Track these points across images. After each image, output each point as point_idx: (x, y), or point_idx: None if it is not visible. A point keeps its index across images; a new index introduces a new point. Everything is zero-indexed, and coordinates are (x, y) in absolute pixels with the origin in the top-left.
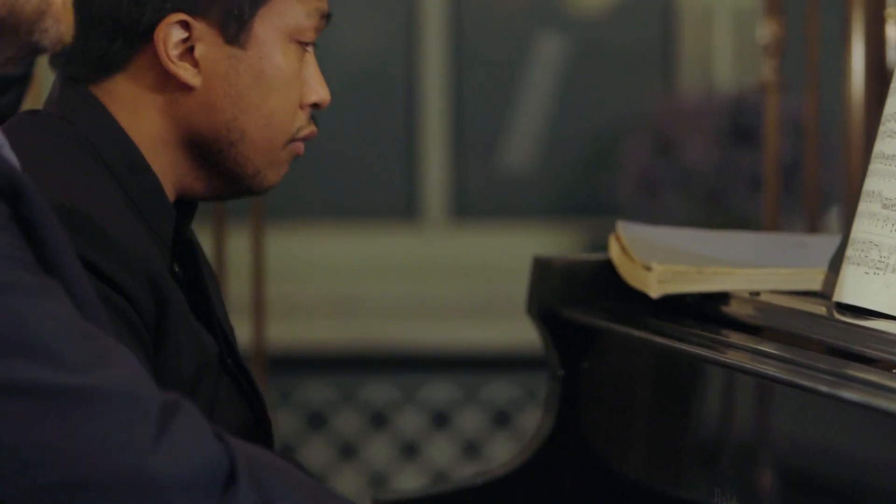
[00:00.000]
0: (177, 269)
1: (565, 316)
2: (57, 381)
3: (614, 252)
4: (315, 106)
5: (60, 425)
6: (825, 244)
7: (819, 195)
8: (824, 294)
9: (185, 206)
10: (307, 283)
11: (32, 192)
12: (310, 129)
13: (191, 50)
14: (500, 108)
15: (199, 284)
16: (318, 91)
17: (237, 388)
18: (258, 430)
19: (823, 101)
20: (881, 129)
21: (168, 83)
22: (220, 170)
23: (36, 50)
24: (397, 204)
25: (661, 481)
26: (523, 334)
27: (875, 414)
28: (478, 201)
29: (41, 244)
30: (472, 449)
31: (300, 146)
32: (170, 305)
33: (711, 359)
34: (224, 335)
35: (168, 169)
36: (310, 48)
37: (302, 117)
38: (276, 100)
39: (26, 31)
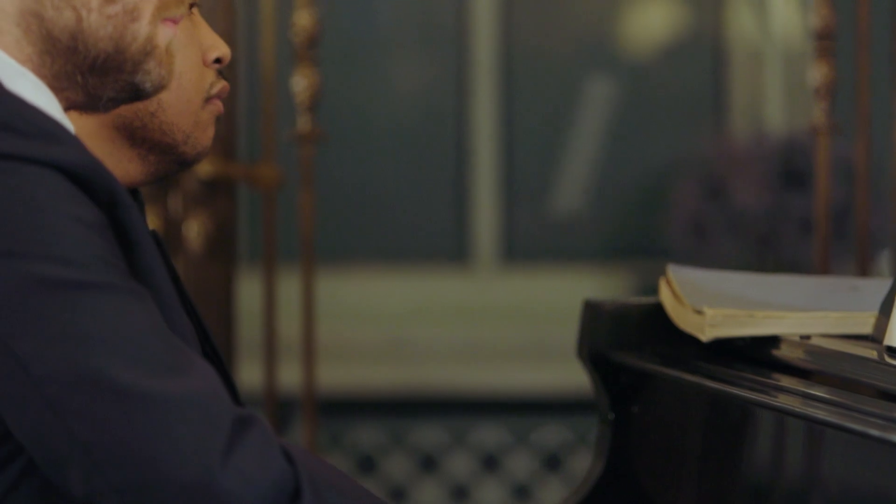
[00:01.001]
0: None
1: (615, 359)
2: (136, 384)
3: (665, 295)
4: (218, 61)
5: (133, 428)
6: (876, 288)
7: (870, 239)
8: (875, 338)
9: (132, 196)
10: (357, 326)
11: (129, 203)
12: (221, 85)
13: None
14: (551, 150)
15: (171, 275)
16: (217, 47)
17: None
18: None
19: (874, 145)
20: None
21: None
22: (150, 144)
23: (137, 92)
24: (448, 246)
25: None
26: (574, 378)
27: None
28: (528, 244)
29: (135, 253)
30: (522, 493)
31: (218, 104)
32: None
33: (762, 402)
34: (200, 323)
35: (105, 162)
36: (194, 10)
37: (210, 74)
38: (179, 63)
39: (130, 70)
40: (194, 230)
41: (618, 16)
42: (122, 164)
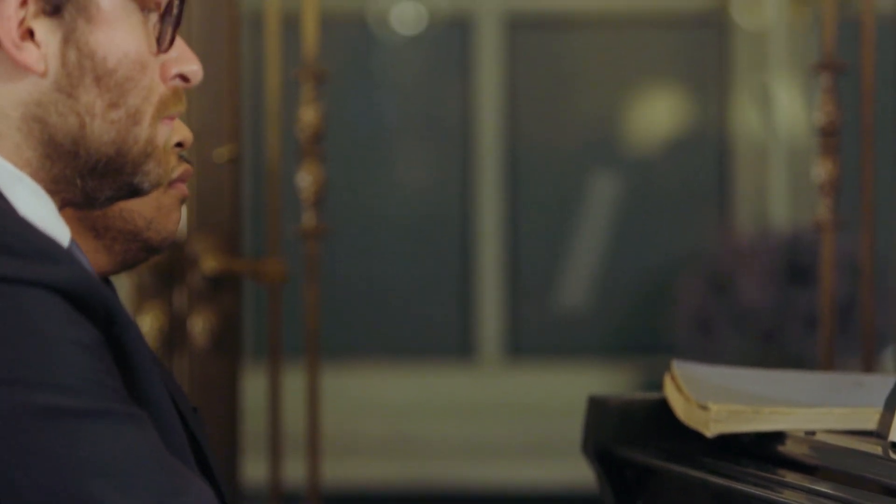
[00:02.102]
0: None
1: (621, 455)
2: None
3: (670, 391)
4: (179, 145)
5: None
6: (881, 384)
7: (875, 335)
8: (880, 434)
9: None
10: (363, 421)
11: (127, 320)
12: (183, 168)
13: None
14: (555, 245)
15: (164, 377)
16: (179, 131)
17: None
18: None
19: (879, 241)
20: None
21: None
22: (114, 233)
23: (136, 192)
24: (452, 342)
25: None
26: (579, 473)
27: None
28: (533, 339)
29: (131, 371)
30: None
31: (182, 188)
32: None
33: (767, 499)
34: (189, 427)
35: None
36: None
37: (172, 158)
38: None
39: (130, 171)
40: (199, 325)
41: (622, 111)
42: (90, 256)
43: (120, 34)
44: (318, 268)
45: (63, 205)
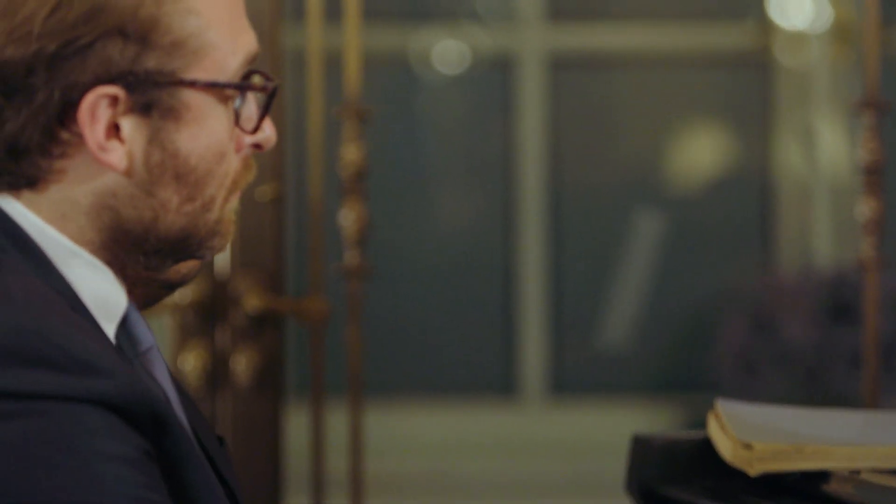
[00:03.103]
0: None
1: (664, 494)
2: None
3: (713, 429)
4: None
5: None
6: None
7: None
8: None
9: None
10: (405, 460)
11: (174, 421)
12: None
13: None
14: (598, 284)
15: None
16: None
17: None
18: None
19: None
20: None
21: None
22: (136, 279)
23: (197, 260)
24: (495, 380)
25: None
26: None
27: None
28: (576, 377)
29: (180, 483)
30: None
31: None
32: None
33: None
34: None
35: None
36: None
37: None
38: None
39: (195, 248)
40: (242, 364)
41: (665, 150)
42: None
43: (205, 131)
44: (360, 307)
45: (119, 273)
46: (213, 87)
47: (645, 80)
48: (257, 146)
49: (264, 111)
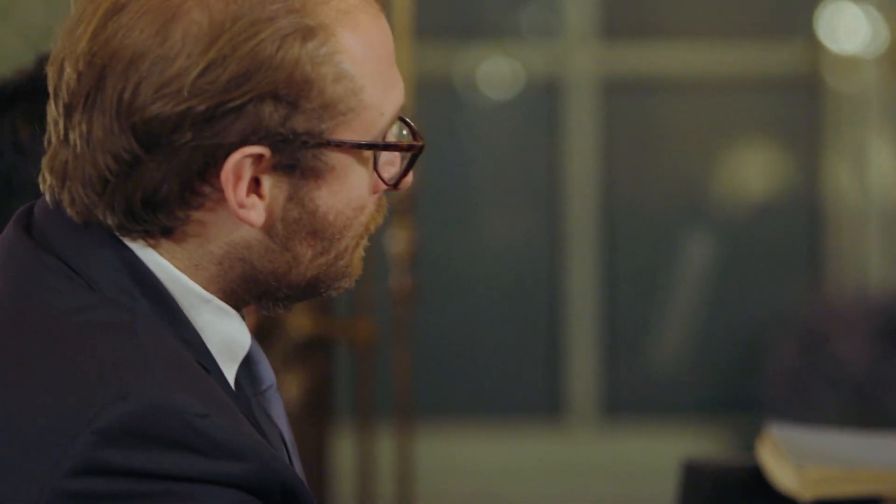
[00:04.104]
0: None
1: None
2: None
3: (765, 453)
4: None
5: None
6: None
7: None
8: None
9: None
10: (453, 482)
11: (307, 494)
12: None
13: None
14: (650, 305)
15: None
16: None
17: None
18: None
19: None
20: None
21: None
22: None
23: (321, 297)
24: (544, 402)
25: None
26: None
27: None
28: (626, 399)
29: None
30: None
31: None
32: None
33: None
34: None
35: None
36: None
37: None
38: None
39: (323, 291)
40: (291, 386)
41: (716, 173)
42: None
43: (346, 187)
44: (408, 329)
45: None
46: (357, 149)
47: (695, 103)
48: (395, 187)
49: (408, 167)
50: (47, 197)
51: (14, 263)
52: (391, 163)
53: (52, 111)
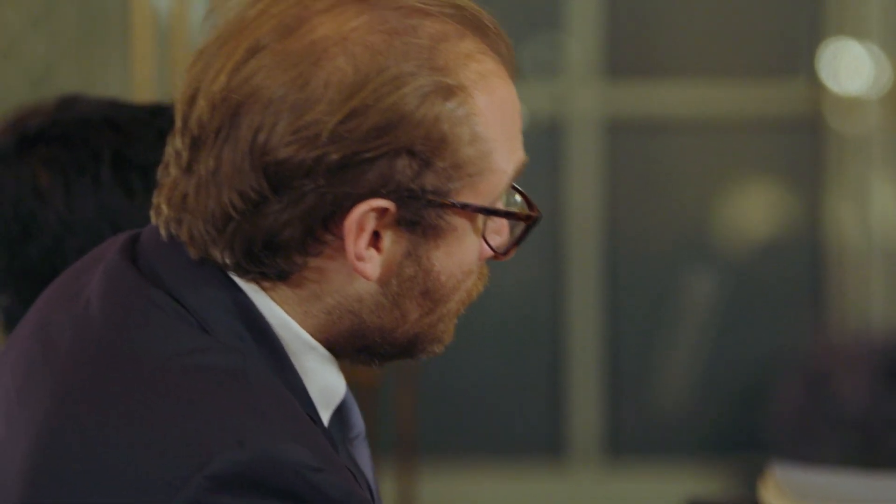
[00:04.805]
0: None
1: None
2: None
3: (769, 493)
4: None
5: None
6: None
7: None
8: None
9: None
10: None
11: None
12: None
13: None
14: (652, 344)
15: None
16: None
17: None
18: None
19: None
20: None
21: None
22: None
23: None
24: (546, 442)
25: None
26: None
27: None
28: (629, 439)
29: None
30: None
31: None
32: None
33: None
34: None
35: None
36: None
37: None
38: None
39: (417, 351)
40: None
41: (719, 212)
42: None
43: (460, 250)
44: (411, 369)
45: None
46: (480, 213)
47: (698, 141)
48: (495, 257)
49: (521, 238)
50: (161, 230)
51: (119, 295)
52: (497, 231)
53: (177, 143)
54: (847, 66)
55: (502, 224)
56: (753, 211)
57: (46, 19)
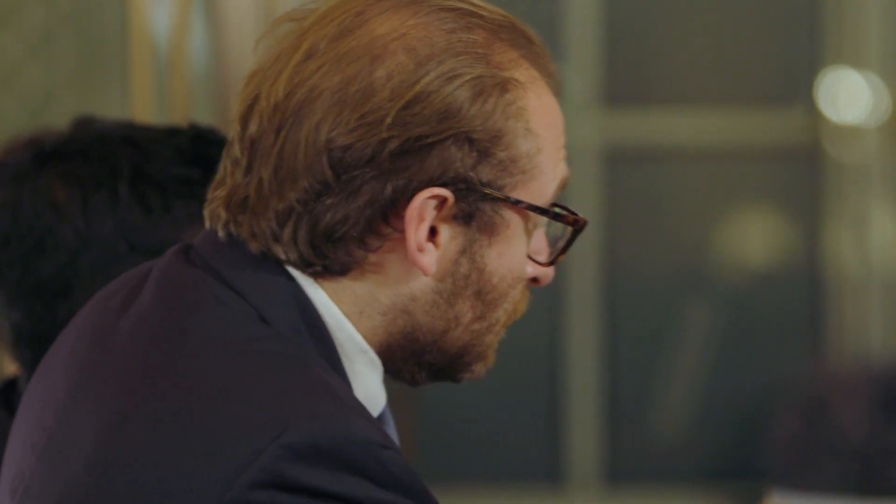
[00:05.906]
0: None
1: None
2: None
3: None
4: None
5: None
6: None
7: None
8: None
9: None
10: None
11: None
12: None
13: None
14: (651, 373)
15: None
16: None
17: None
18: None
19: None
20: None
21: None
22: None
23: (452, 380)
24: (544, 469)
25: None
26: None
27: None
28: (628, 466)
29: None
30: None
31: None
32: None
33: None
34: None
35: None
36: None
37: None
38: None
39: (459, 371)
40: None
41: (717, 242)
42: None
43: (511, 252)
44: (409, 396)
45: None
46: (532, 211)
47: (696, 171)
48: (535, 280)
49: (567, 245)
50: (220, 231)
51: (178, 288)
52: (538, 250)
53: (234, 152)
54: (845, 95)
55: (540, 240)
56: (752, 239)
57: (45, 48)
